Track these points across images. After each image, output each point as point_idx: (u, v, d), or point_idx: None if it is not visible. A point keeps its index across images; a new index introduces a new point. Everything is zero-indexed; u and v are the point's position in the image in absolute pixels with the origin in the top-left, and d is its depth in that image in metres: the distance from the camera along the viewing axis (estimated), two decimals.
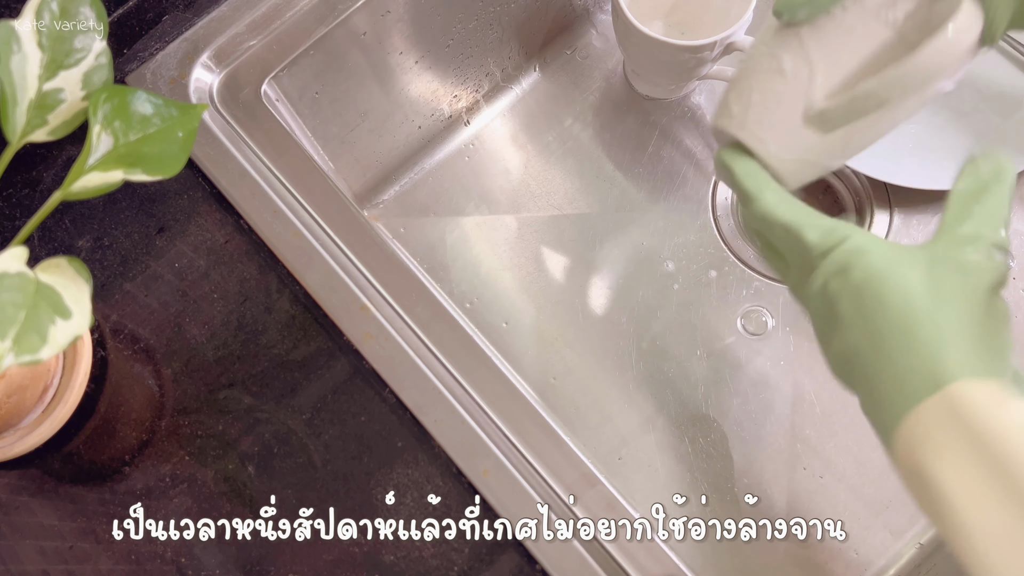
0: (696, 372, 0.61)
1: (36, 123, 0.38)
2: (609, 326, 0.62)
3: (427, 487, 0.44)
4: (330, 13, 0.54)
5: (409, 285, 0.48)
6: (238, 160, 0.50)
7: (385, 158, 0.67)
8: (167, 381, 0.47)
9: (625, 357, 0.62)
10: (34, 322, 0.33)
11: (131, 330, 0.48)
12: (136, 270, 0.49)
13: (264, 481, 0.45)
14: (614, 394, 0.61)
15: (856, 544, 0.57)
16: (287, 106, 0.55)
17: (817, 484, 0.58)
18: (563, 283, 0.63)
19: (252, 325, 0.47)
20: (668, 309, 0.62)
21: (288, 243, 0.48)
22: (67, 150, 0.51)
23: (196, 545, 0.44)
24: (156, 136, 0.39)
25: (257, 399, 0.46)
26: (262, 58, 0.53)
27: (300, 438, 0.45)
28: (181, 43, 0.52)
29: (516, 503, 0.44)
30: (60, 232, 0.50)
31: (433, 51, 0.62)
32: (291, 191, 0.49)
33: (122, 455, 0.46)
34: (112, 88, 0.39)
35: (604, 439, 0.60)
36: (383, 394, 0.46)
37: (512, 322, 0.63)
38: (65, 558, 0.44)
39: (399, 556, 0.43)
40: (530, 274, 0.64)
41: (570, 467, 0.45)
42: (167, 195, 0.50)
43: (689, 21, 0.64)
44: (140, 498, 0.45)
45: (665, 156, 0.65)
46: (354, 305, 0.47)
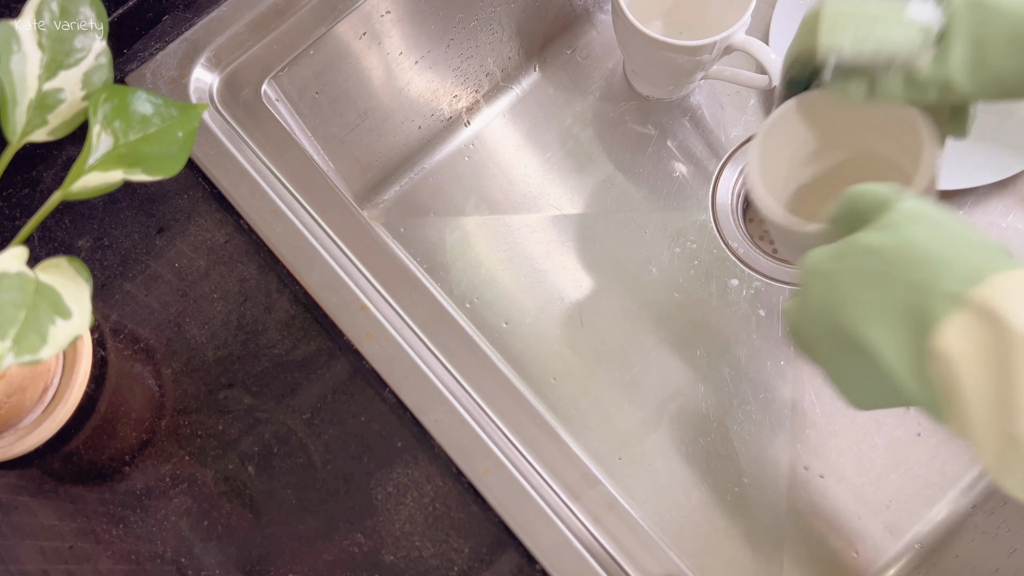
0: (696, 372, 0.61)
1: (36, 123, 0.38)
2: (609, 326, 0.62)
3: (427, 487, 0.44)
4: (330, 13, 0.54)
5: (409, 285, 0.48)
6: (238, 160, 0.50)
7: (385, 158, 0.67)
8: (167, 381, 0.47)
9: (625, 357, 0.62)
10: (34, 322, 0.33)
11: (131, 330, 0.48)
12: (136, 270, 0.49)
13: (264, 481, 0.45)
14: (614, 394, 0.61)
15: (856, 544, 0.57)
16: (287, 106, 0.55)
17: (817, 484, 0.58)
18: (563, 283, 0.63)
19: (252, 325, 0.47)
20: (668, 309, 0.62)
21: (288, 243, 0.48)
22: (67, 150, 0.51)
23: (196, 545, 0.44)
24: (156, 136, 0.39)
25: (257, 399, 0.46)
26: (262, 58, 0.53)
27: (300, 438, 0.45)
28: (181, 43, 0.52)
29: (516, 503, 0.44)
30: (60, 232, 0.50)
31: (433, 51, 0.62)
32: (291, 191, 0.49)
33: (122, 455, 0.46)
34: (112, 88, 0.39)
35: (604, 439, 0.60)
36: (383, 394, 0.46)
37: (512, 322, 0.63)
38: (65, 558, 0.44)
39: (399, 556, 0.43)
40: (530, 274, 0.64)
41: (570, 467, 0.45)
42: (167, 195, 0.50)
43: (689, 21, 0.64)
44: (140, 498, 0.45)
45: (665, 156, 0.65)
46: (354, 305, 0.47)
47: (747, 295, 0.62)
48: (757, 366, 0.61)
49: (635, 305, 0.63)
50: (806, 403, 0.60)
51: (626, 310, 0.63)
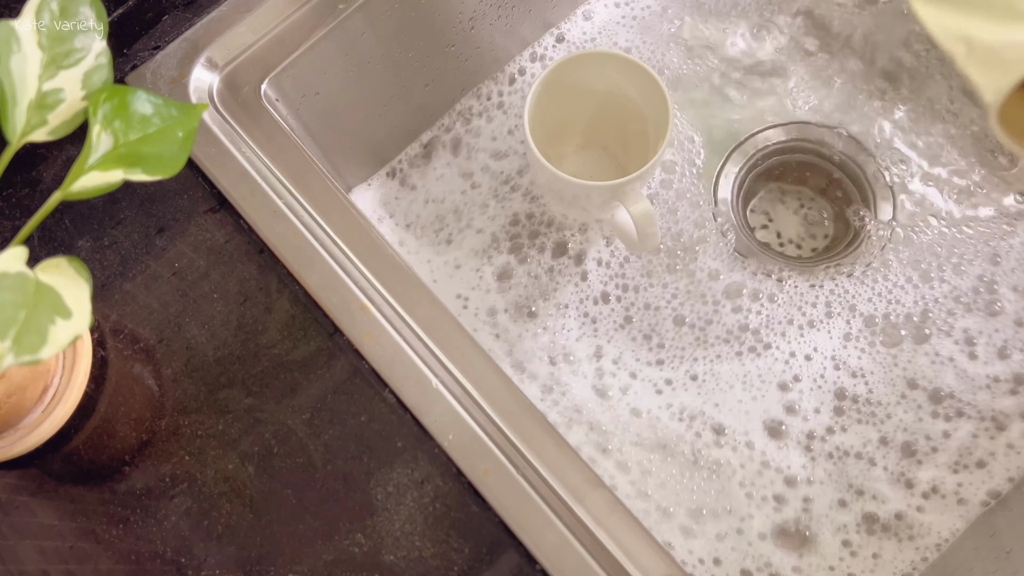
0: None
1: (36, 123, 0.38)
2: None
3: (427, 487, 0.44)
4: (330, 13, 0.54)
5: (409, 285, 0.48)
6: (238, 160, 0.50)
7: (385, 158, 0.67)
8: (167, 381, 0.47)
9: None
10: (34, 322, 0.33)
11: (131, 330, 0.48)
12: (136, 270, 0.49)
13: (264, 481, 0.45)
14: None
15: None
16: (287, 106, 0.55)
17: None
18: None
19: (252, 325, 0.47)
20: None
21: (288, 243, 0.48)
22: (67, 150, 0.51)
23: (196, 545, 0.44)
24: (156, 136, 0.39)
25: (257, 399, 0.46)
26: (262, 58, 0.53)
27: (300, 438, 0.45)
28: (181, 43, 0.52)
29: (516, 503, 0.44)
30: (60, 232, 0.50)
31: (434, 52, 0.62)
32: (291, 191, 0.49)
33: (122, 455, 0.46)
34: (112, 88, 0.39)
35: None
36: (383, 394, 0.46)
37: None
38: (65, 558, 0.44)
39: (399, 556, 0.43)
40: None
41: (571, 467, 0.45)
42: (167, 195, 0.50)
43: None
44: (140, 498, 0.45)
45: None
46: (354, 305, 0.47)
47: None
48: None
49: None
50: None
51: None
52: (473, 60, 0.65)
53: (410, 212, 0.65)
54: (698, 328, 0.61)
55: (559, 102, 0.59)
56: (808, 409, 0.59)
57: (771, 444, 0.58)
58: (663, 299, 0.62)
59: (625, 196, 0.54)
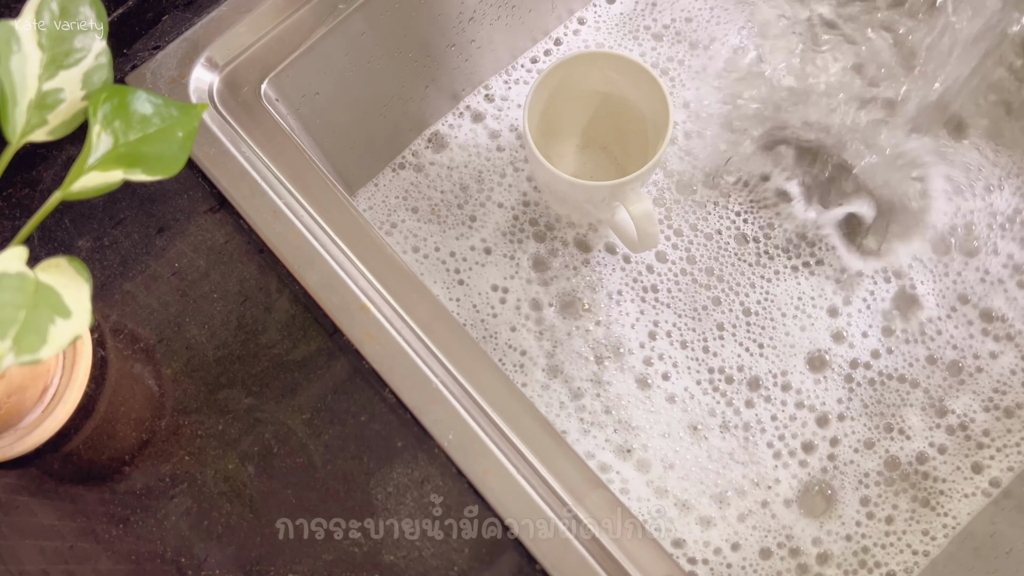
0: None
1: (36, 123, 0.38)
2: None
3: (427, 487, 0.44)
4: (330, 13, 0.54)
5: (409, 285, 0.48)
6: (238, 160, 0.50)
7: (385, 158, 0.67)
8: (167, 381, 0.47)
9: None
10: (34, 322, 0.33)
11: (131, 330, 0.48)
12: (136, 270, 0.49)
13: (264, 481, 0.45)
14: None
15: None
16: (287, 106, 0.55)
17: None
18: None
19: (252, 325, 0.47)
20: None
21: (288, 243, 0.48)
22: (67, 150, 0.51)
23: (196, 545, 0.44)
24: (156, 136, 0.39)
25: (257, 399, 0.46)
26: (262, 58, 0.53)
27: (300, 438, 0.45)
28: (181, 43, 0.52)
29: (516, 503, 0.44)
30: (60, 232, 0.50)
31: (434, 52, 0.62)
32: (291, 191, 0.49)
33: (122, 455, 0.46)
34: (112, 88, 0.39)
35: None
36: (383, 394, 0.46)
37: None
38: (65, 558, 0.44)
39: (399, 556, 0.43)
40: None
41: (571, 467, 0.45)
42: (167, 195, 0.50)
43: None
44: (140, 498, 0.45)
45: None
46: (354, 305, 0.47)
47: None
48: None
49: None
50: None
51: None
52: (473, 60, 0.65)
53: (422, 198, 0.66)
54: (760, 243, 0.62)
55: (559, 102, 0.59)
56: (856, 334, 0.61)
57: (809, 379, 0.59)
58: (725, 222, 0.63)
59: (625, 196, 0.54)
